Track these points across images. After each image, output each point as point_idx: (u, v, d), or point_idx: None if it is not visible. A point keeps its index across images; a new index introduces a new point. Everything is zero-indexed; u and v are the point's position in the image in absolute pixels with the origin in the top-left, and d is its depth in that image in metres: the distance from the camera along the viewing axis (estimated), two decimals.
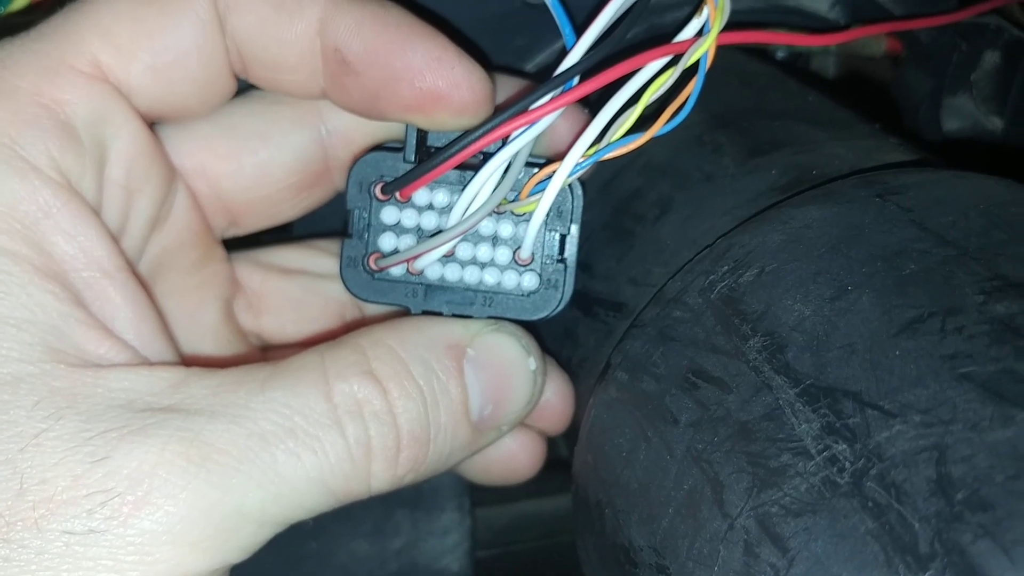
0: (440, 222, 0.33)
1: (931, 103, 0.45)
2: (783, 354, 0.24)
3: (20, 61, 0.28)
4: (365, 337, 0.30)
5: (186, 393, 0.27)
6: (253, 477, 0.26)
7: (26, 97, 0.27)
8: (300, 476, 0.26)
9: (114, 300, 0.28)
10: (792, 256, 0.26)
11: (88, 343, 0.27)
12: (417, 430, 0.29)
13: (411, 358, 0.29)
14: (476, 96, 0.30)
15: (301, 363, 0.28)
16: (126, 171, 0.30)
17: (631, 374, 0.28)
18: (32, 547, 0.24)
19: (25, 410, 0.25)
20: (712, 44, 0.30)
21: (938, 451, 0.20)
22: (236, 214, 0.35)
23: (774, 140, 0.33)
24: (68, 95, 0.28)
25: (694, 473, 0.24)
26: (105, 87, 0.29)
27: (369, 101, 0.31)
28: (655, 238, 0.32)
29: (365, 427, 0.28)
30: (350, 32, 0.30)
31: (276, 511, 0.26)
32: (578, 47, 0.30)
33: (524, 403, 0.32)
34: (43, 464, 0.24)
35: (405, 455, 0.29)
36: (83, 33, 0.29)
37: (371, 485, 0.28)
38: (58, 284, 0.27)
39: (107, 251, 0.28)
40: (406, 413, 0.29)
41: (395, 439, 0.28)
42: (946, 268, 0.24)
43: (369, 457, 0.28)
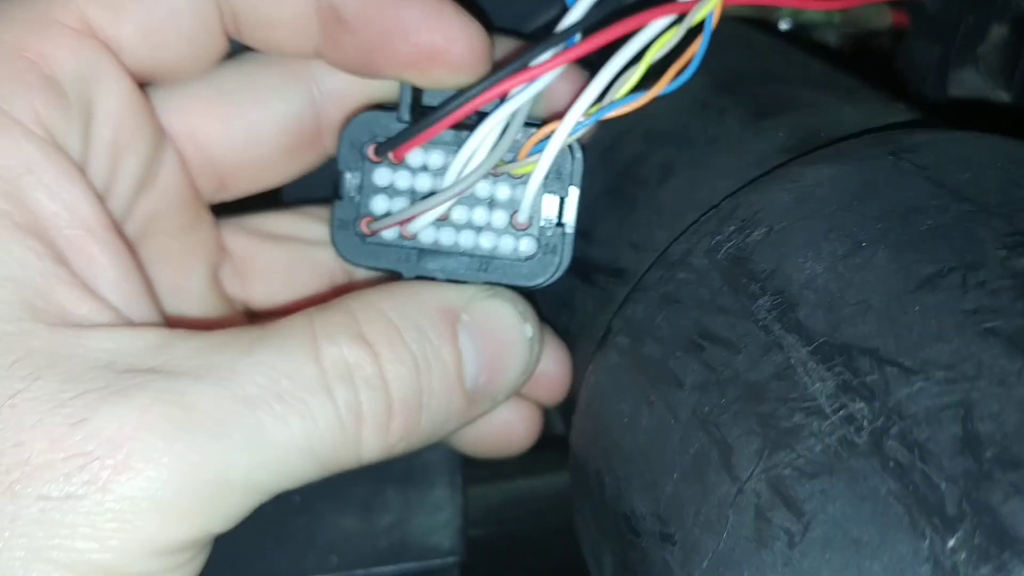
0: (435, 184, 0.32)
1: (937, 76, 0.44)
2: (794, 312, 0.23)
3: (4, 15, 0.27)
4: (355, 300, 0.29)
5: (170, 355, 0.26)
6: (238, 442, 0.25)
7: (10, 51, 0.27)
8: (287, 441, 0.25)
9: (98, 259, 0.27)
10: (803, 214, 0.25)
11: (69, 302, 0.26)
12: (409, 397, 0.28)
13: (403, 322, 0.28)
14: (473, 52, 0.30)
15: (289, 326, 0.27)
16: (113, 130, 0.29)
17: (633, 339, 0.27)
18: (6, 512, 0.23)
19: (3, 370, 0.24)
20: (719, 3, 0.29)
21: (963, 408, 0.19)
22: (225, 177, 0.34)
23: (780, 103, 0.32)
24: (55, 50, 0.27)
25: (700, 436, 0.23)
26: (94, 43, 0.28)
27: (364, 58, 0.30)
28: (658, 202, 0.31)
29: (355, 392, 0.27)
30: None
31: (262, 478, 0.25)
32: (580, 3, 0.29)
33: (520, 372, 0.31)
34: (19, 426, 0.23)
35: (396, 422, 0.28)
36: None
37: (361, 454, 0.27)
38: (39, 241, 0.26)
39: (92, 209, 0.27)
40: (397, 379, 0.28)
41: (386, 405, 0.28)
42: (965, 224, 0.23)
43: (360, 424, 0.27)
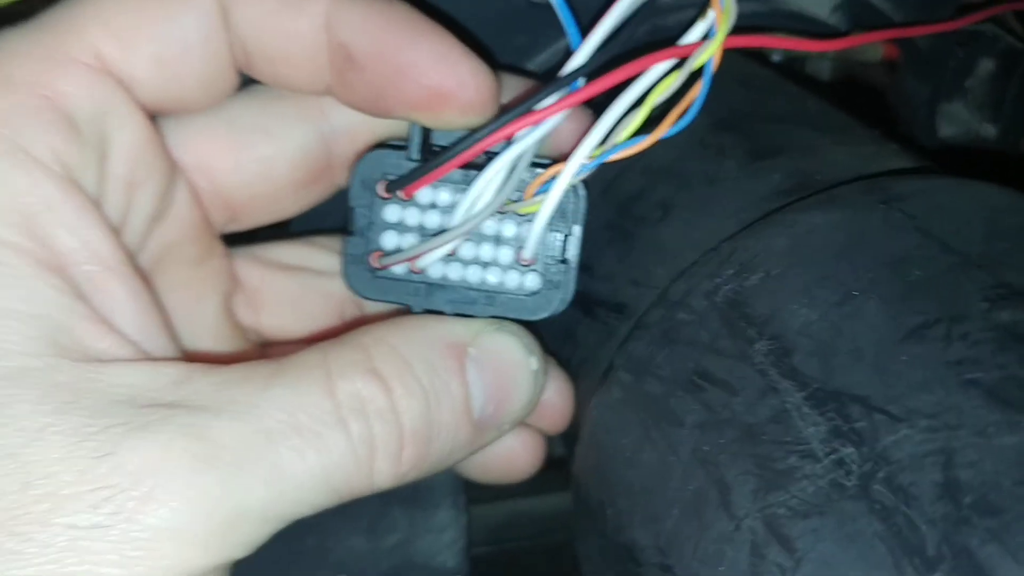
0: (443, 221, 0.33)
1: (927, 110, 0.45)
2: (789, 358, 0.24)
3: (22, 52, 0.28)
4: (367, 335, 0.30)
5: (190, 389, 0.26)
6: (258, 474, 0.26)
7: (28, 89, 0.27)
8: (304, 473, 0.26)
9: (116, 294, 0.28)
10: (797, 260, 0.26)
11: (90, 337, 0.27)
12: (420, 428, 0.29)
13: (413, 357, 0.29)
14: (482, 95, 0.30)
15: (304, 361, 0.28)
16: (128, 165, 0.30)
17: (635, 375, 0.29)
18: (38, 540, 0.23)
19: (29, 404, 0.25)
20: (719, 48, 0.31)
21: (945, 455, 0.20)
22: (237, 209, 0.35)
23: (776, 144, 0.33)
24: (70, 87, 0.28)
25: (700, 474, 0.24)
26: (107, 79, 0.29)
27: (374, 98, 0.31)
28: (657, 239, 0.33)
29: (369, 425, 0.28)
30: (356, 27, 0.30)
31: (280, 508, 0.26)
32: (583, 49, 0.30)
33: (525, 403, 0.32)
34: (47, 459, 0.24)
35: (408, 452, 0.29)
36: (85, 24, 0.28)
37: (374, 482, 0.28)
38: (60, 277, 0.26)
39: (109, 245, 0.28)
40: (409, 411, 0.29)
41: (398, 436, 0.29)
42: (951, 275, 0.24)
43: (373, 454, 0.28)
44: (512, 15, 0.38)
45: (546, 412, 0.35)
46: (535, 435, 0.37)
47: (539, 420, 0.36)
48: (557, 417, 0.36)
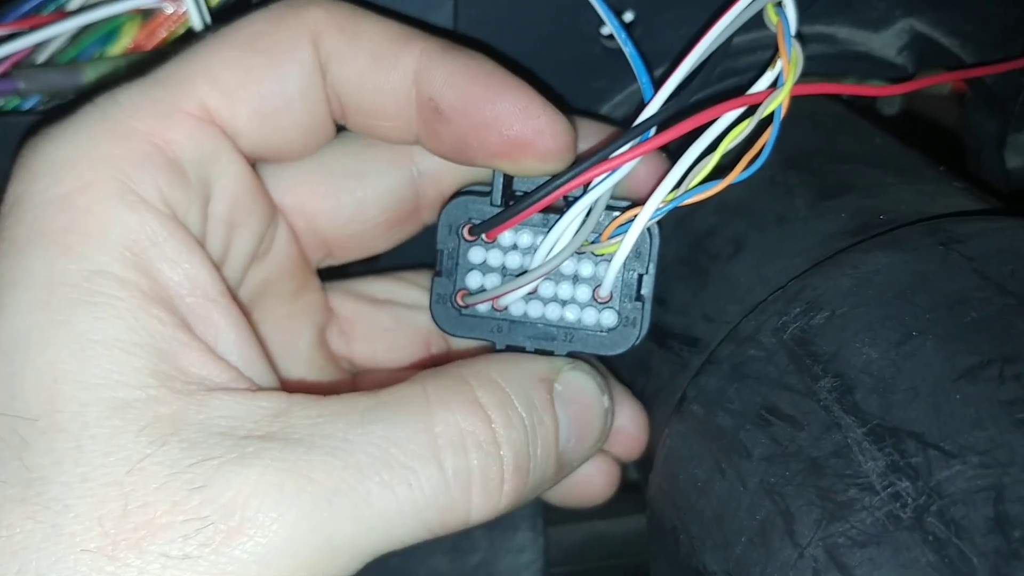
0: (524, 262, 0.34)
1: (995, 144, 0.46)
2: (852, 395, 0.25)
3: (136, 104, 0.30)
4: (466, 368, 0.31)
5: (286, 422, 0.27)
6: (345, 509, 0.26)
7: (140, 137, 0.29)
8: (393, 509, 0.27)
9: (217, 323, 0.29)
10: (861, 301, 0.28)
11: (192, 365, 0.28)
12: (521, 460, 0.30)
13: (513, 389, 0.30)
14: (560, 144, 0.32)
15: (402, 394, 0.29)
16: (229, 207, 0.32)
17: (706, 408, 0.30)
18: (134, 566, 0.25)
19: (132, 435, 0.26)
20: (786, 97, 0.32)
21: (995, 491, 0.21)
22: (332, 247, 0.37)
23: (843, 183, 0.35)
24: (178, 136, 0.30)
25: (766, 504, 0.26)
26: (212, 129, 0.30)
27: (459, 148, 0.32)
28: (729, 276, 0.34)
29: (467, 458, 0.28)
30: (443, 83, 0.31)
31: (368, 543, 0.27)
32: (656, 99, 0.32)
33: (599, 438, 0.33)
34: (146, 488, 0.25)
35: (509, 486, 0.29)
36: (194, 79, 0.30)
37: (470, 517, 0.29)
38: (164, 308, 0.28)
39: (210, 278, 0.29)
40: (511, 443, 0.29)
41: (499, 470, 0.29)
42: (1005, 317, 0.25)
43: (469, 489, 0.28)
44: (589, 60, 0.39)
45: (621, 439, 0.37)
46: (610, 462, 0.39)
47: (614, 447, 0.37)
48: (632, 444, 0.37)
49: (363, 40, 0.32)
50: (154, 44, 0.44)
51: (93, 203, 0.28)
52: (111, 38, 0.44)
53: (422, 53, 0.31)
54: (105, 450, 0.26)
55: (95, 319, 0.27)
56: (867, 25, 0.41)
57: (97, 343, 0.27)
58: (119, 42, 0.44)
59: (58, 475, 0.25)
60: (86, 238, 0.28)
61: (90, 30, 0.43)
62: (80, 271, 0.27)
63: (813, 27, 0.41)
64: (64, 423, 0.26)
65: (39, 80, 0.42)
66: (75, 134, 0.29)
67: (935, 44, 0.42)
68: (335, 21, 0.31)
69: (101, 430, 0.26)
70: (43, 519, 0.25)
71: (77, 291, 0.27)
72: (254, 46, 0.31)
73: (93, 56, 0.43)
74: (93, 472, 0.25)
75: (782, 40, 0.32)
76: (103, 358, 0.27)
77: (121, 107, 0.29)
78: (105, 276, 0.27)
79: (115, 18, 0.43)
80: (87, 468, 0.25)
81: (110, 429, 0.26)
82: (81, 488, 0.25)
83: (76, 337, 0.27)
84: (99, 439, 0.26)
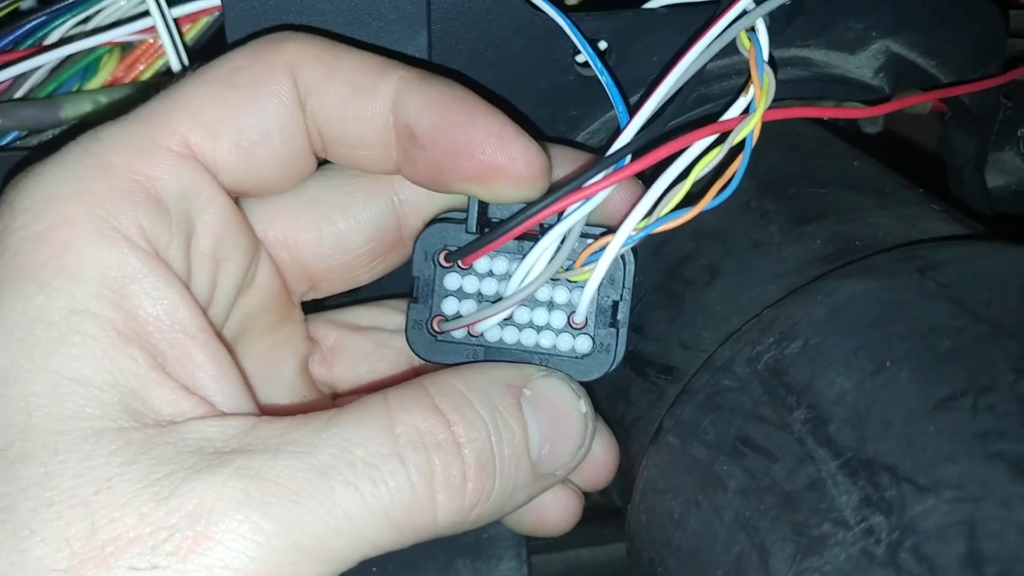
0: (499, 288, 0.35)
1: (975, 164, 0.46)
2: (826, 427, 0.25)
3: (118, 141, 0.30)
4: (427, 378, 0.31)
5: (254, 436, 0.28)
6: (310, 509, 0.26)
7: (121, 173, 0.29)
8: (359, 507, 0.27)
9: (196, 359, 0.29)
10: (835, 330, 0.28)
11: (165, 404, 0.28)
12: (483, 459, 0.30)
13: (473, 394, 0.30)
14: (532, 170, 0.32)
15: (364, 402, 0.29)
16: (213, 242, 0.32)
17: (682, 439, 0.30)
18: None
19: (103, 457, 0.26)
20: (757, 123, 0.32)
21: (969, 527, 0.21)
22: (316, 279, 0.37)
23: (820, 208, 0.34)
24: (159, 171, 0.30)
25: (741, 539, 0.26)
26: (193, 164, 0.31)
27: (434, 173, 0.32)
28: (705, 303, 0.34)
29: (428, 457, 0.28)
30: (419, 110, 0.31)
31: (337, 545, 0.27)
32: (630, 128, 0.32)
33: (577, 446, 0.33)
34: (113, 504, 0.25)
35: (472, 486, 0.29)
36: (174, 115, 0.31)
37: (437, 518, 0.29)
38: (139, 347, 0.28)
39: (190, 312, 0.29)
40: (471, 443, 0.29)
41: (460, 468, 0.29)
42: (981, 346, 0.25)
43: (433, 487, 0.28)
44: (564, 88, 0.39)
45: (587, 465, 0.36)
46: (571, 491, 0.38)
47: (581, 473, 0.37)
48: (598, 471, 0.37)
49: (342, 70, 0.32)
50: (133, 77, 0.44)
51: (72, 239, 0.28)
52: (90, 72, 0.44)
53: (400, 81, 0.32)
54: (75, 473, 0.26)
55: (70, 358, 0.27)
56: (843, 47, 0.41)
57: (72, 380, 0.27)
58: (98, 76, 0.44)
59: (24, 501, 0.26)
60: (64, 275, 0.28)
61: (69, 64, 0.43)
62: (58, 309, 0.27)
63: (788, 50, 0.41)
64: (34, 452, 0.26)
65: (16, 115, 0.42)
66: (57, 171, 0.29)
67: (912, 65, 0.42)
68: (313, 53, 0.32)
69: (72, 455, 0.26)
70: (10, 546, 0.25)
71: (54, 329, 0.27)
72: (232, 81, 0.31)
73: (72, 90, 0.43)
74: (60, 496, 0.26)
75: (754, 66, 0.32)
76: (78, 395, 0.27)
77: (103, 144, 0.30)
78: (82, 315, 0.27)
79: (94, 51, 0.43)
80: (54, 492, 0.26)
81: (81, 454, 0.26)
82: (47, 512, 0.25)
83: (51, 375, 0.27)
84: (69, 463, 0.26)
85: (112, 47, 0.43)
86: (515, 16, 0.38)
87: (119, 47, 0.43)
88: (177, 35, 0.41)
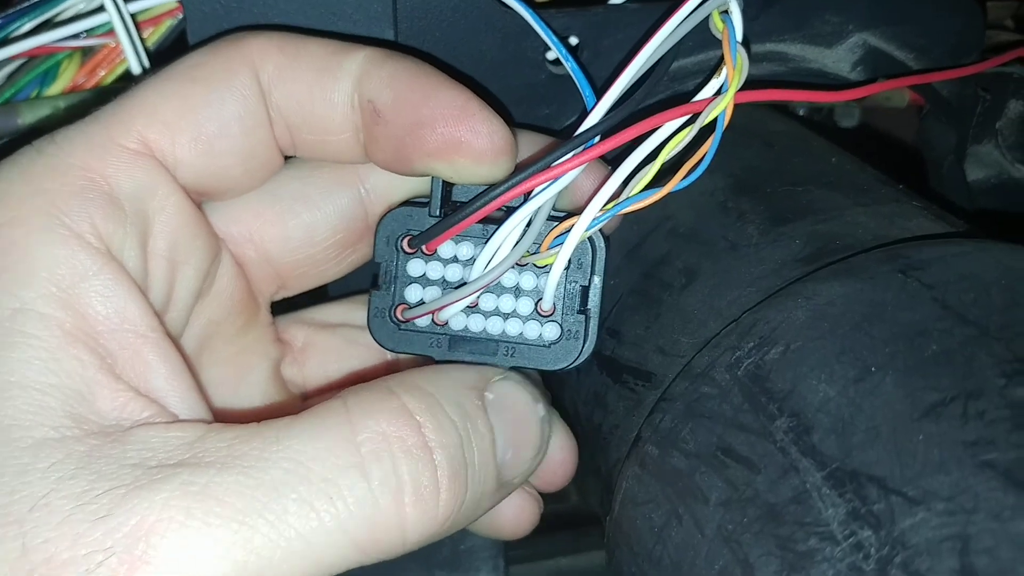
0: (464, 274, 0.34)
1: (955, 158, 0.45)
2: (809, 436, 0.24)
3: (72, 141, 0.29)
4: (393, 379, 0.30)
5: (201, 447, 0.26)
6: (259, 530, 0.25)
7: (74, 171, 0.29)
8: (314, 527, 0.25)
9: (147, 359, 0.28)
10: (817, 334, 0.27)
11: (111, 408, 0.27)
12: (457, 467, 0.28)
13: (443, 396, 0.29)
14: (495, 144, 0.31)
15: (323, 409, 0.28)
16: (170, 243, 0.31)
17: (661, 449, 0.29)
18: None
19: (40, 472, 0.25)
20: (729, 103, 0.31)
21: (961, 541, 0.20)
22: (284, 276, 0.36)
23: (797, 207, 0.34)
24: (113, 169, 0.29)
25: (724, 553, 0.25)
26: (150, 162, 0.30)
27: (397, 149, 0.32)
28: (682, 307, 0.33)
29: (394, 466, 0.27)
30: (382, 82, 0.31)
31: (291, 569, 0.25)
32: (598, 108, 0.31)
33: (536, 450, 0.32)
34: (48, 523, 0.24)
35: (446, 495, 0.28)
36: (131, 113, 0.30)
37: (406, 533, 0.27)
38: (86, 348, 0.27)
39: (141, 312, 0.29)
40: (444, 448, 0.28)
41: (432, 476, 0.27)
42: (967, 349, 0.24)
43: (401, 500, 0.27)
44: (536, 87, 0.39)
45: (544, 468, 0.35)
46: (525, 494, 0.37)
47: (536, 477, 0.36)
48: (557, 471, 0.36)
49: (306, 55, 0.32)
50: (95, 83, 0.42)
51: (21, 237, 0.27)
52: (49, 77, 0.43)
53: (364, 58, 0.31)
54: (10, 489, 0.25)
55: (14, 360, 0.26)
56: (820, 41, 0.41)
57: (13, 384, 0.26)
58: (58, 82, 0.43)
59: None
60: (11, 274, 0.27)
61: (27, 69, 0.42)
62: (3, 309, 0.27)
63: (764, 45, 0.40)
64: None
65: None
66: (8, 171, 0.29)
67: (889, 58, 0.42)
68: (276, 44, 0.32)
69: (8, 469, 0.25)
70: None
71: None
72: (191, 76, 0.31)
73: (31, 96, 0.42)
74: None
75: (727, 46, 0.32)
76: (19, 399, 0.26)
77: (56, 144, 0.29)
78: (27, 315, 0.27)
79: (53, 56, 0.42)
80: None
81: (18, 468, 0.25)
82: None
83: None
84: (5, 478, 0.25)
85: (72, 52, 0.42)
86: (484, 14, 0.37)
87: (79, 52, 0.42)
88: (138, 37, 0.40)
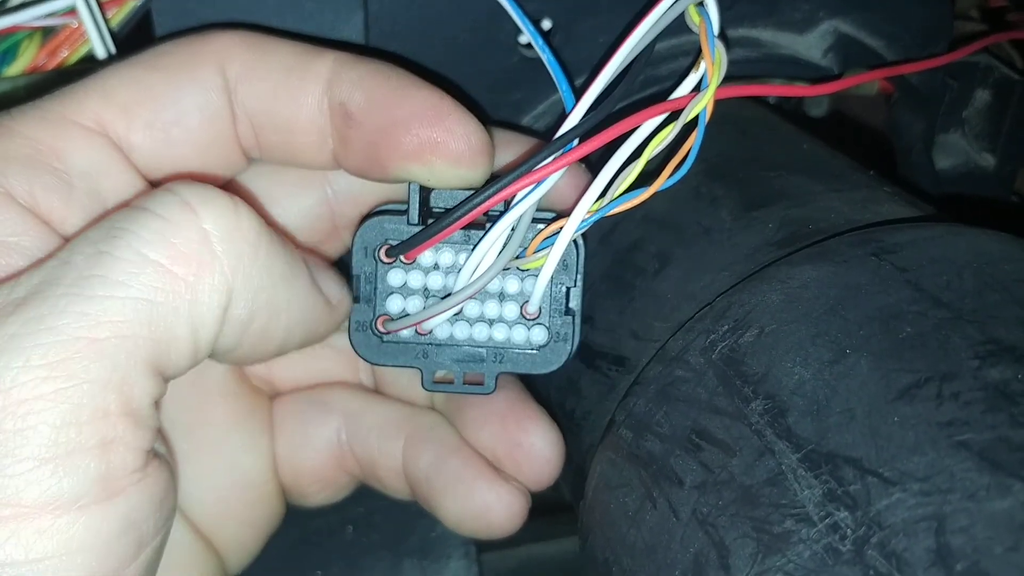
0: (446, 281, 0.33)
1: (923, 145, 0.45)
2: (784, 418, 0.24)
3: (26, 114, 0.29)
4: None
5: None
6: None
7: (23, 141, 0.29)
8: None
9: None
10: (791, 317, 0.27)
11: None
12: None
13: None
14: (472, 145, 0.31)
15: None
16: None
17: (635, 432, 0.29)
18: None
19: None
20: (710, 99, 0.31)
21: (937, 520, 0.20)
22: None
23: (770, 193, 0.34)
24: (63, 143, 0.29)
25: (700, 536, 0.25)
26: (103, 140, 0.30)
27: (370, 153, 0.31)
28: (655, 292, 0.33)
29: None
30: (353, 85, 0.31)
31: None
32: (578, 109, 0.31)
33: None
34: None
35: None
36: (88, 93, 0.30)
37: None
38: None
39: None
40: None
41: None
42: (941, 332, 0.24)
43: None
44: (508, 71, 0.38)
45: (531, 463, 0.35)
46: (515, 490, 0.36)
47: (523, 471, 0.36)
48: (544, 466, 0.36)
49: (275, 55, 0.31)
50: (56, 64, 0.42)
51: None
52: (8, 57, 0.42)
53: (334, 61, 0.31)
54: None
55: None
56: (791, 27, 0.41)
57: None
58: (17, 62, 0.42)
59: None
60: None
61: None
62: None
63: (736, 31, 0.40)
64: None
65: None
66: None
67: (860, 45, 0.42)
68: (245, 42, 0.31)
69: None
70: None
71: None
72: (154, 64, 0.31)
73: None
74: None
75: (705, 41, 0.31)
76: None
77: (10, 116, 0.29)
78: None
79: (12, 36, 0.41)
80: None
81: None
82: None
83: None
84: None
85: (32, 32, 0.41)
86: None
87: (40, 32, 0.42)
88: (101, 18, 0.39)
